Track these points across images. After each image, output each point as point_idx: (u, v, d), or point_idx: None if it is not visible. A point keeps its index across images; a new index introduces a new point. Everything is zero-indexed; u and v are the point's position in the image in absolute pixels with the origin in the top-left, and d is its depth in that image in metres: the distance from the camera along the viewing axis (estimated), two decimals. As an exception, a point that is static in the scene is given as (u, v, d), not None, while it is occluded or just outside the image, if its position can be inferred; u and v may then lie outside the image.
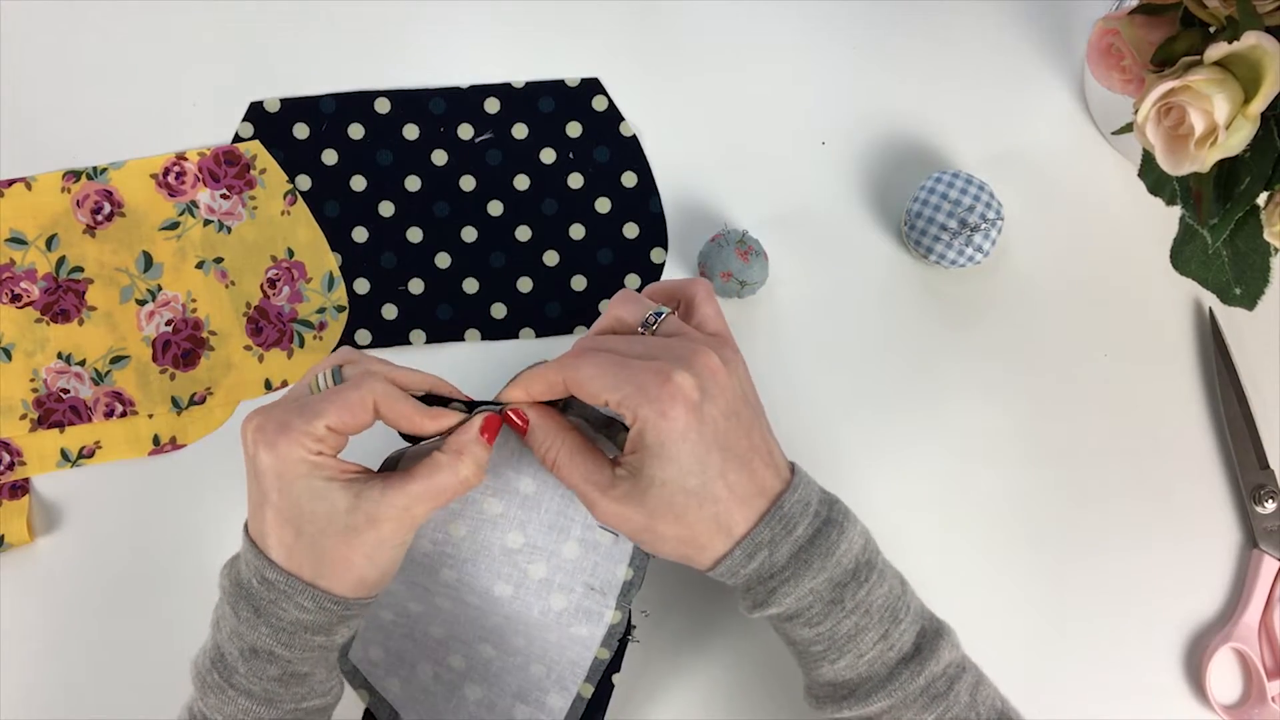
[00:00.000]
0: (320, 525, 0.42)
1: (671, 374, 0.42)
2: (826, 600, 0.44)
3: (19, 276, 0.60)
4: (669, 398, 0.42)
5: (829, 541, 0.44)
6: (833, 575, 0.44)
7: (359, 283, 0.61)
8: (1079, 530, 0.60)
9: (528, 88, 0.63)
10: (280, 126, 0.62)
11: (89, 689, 0.58)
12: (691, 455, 0.43)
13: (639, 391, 0.42)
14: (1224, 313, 0.61)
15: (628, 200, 0.62)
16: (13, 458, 0.60)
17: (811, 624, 0.45)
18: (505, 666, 0.54)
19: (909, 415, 0.61)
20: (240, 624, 0.44)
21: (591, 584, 0.51)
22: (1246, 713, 0.58)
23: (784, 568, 0.44)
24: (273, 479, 0.42)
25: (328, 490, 0.42)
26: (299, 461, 0.42)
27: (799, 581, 0.44)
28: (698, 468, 0.43)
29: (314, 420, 0.42)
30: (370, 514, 0.42)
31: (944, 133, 0.63)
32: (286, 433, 0.42)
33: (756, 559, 0.44)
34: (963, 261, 0.58)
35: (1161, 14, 0.47)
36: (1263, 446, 0.59)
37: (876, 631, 0.45)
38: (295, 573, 0.43)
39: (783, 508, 0.44)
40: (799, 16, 0.64)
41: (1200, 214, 0.48)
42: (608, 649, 0.53)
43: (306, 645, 0.44)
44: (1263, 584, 0.58)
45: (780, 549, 0.44)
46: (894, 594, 0.46)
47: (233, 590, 0.44)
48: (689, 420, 0.42)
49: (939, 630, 0.46)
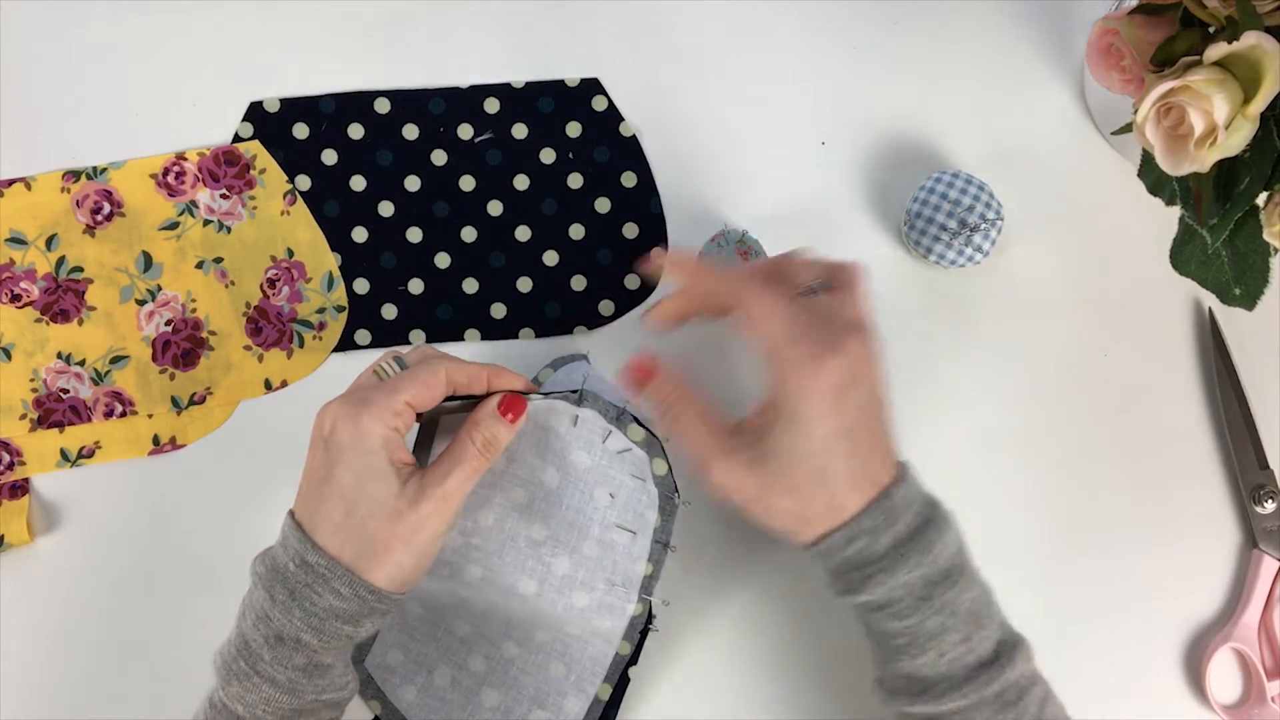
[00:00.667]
0: (372, 507, 0.44)
1: (826, 356, 0.45)
2: (918, 596, 0.45)
3: (19, 276, 0.60)
4: (819, 376, 0.45)
5: (927, 539, 0.46)
6: (927, 573, 0.45)
7: (359, 283, 0.61)
8: (1078, 530, 0.60)
9: (527, 88, 0.63)
10: (280, 126, 0.62)
11: (89, 689, 0.58)
12: (823, 435, 0.45)
13: (795, 363, 0.45)
14: (1224, 313, 0.61)
15: (628, 200, 0.62)
16: (12, 458, 0.60)
17: (900, 617, 0.46)
18: (525, 667, 0.54)
19: (908, 415, 0.60)
20: (273, 607, 0.45)
21: (613, 579, 0.52)
22: (1246, 713, 0.58)
23: (881, 557, 0.45)
24: (344, 452, 0.45)
25: (387, 473, 0.45)
26: (376, 435, 0.44)
27: (894, 573, 0.45)
28: (824, 448, 0.45)
29: (394, 395, 0.45)
30: (413, 496, 0.45)
31: (944, 133, 0.63)
32: (368, 407, 0.45)
33: (856, 544, 0.45)
34: (963, 261, 0.58)
35: (1161, 14, 0.47)
36: (1263, 446, 0.59)
37: (960, 633, 0.45)
38: (337, 555, 0.44)
39: (890, 498, 0.46)
40: (799, 16, 0.64)
41: (1200, 214, 0.48)
42: (629, 642, 0.54)
43: (335, 634, 0.45)
44: (1263, 584, 0.58)
45: (881, 539, 0.45)
46: (981, 600, 0.47)
47: (268, 575, 0.46)
48: (830, 403, 0.45)
49: (1017, 642, 0.47)
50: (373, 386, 0.47)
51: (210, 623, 0.58)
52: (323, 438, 0.45)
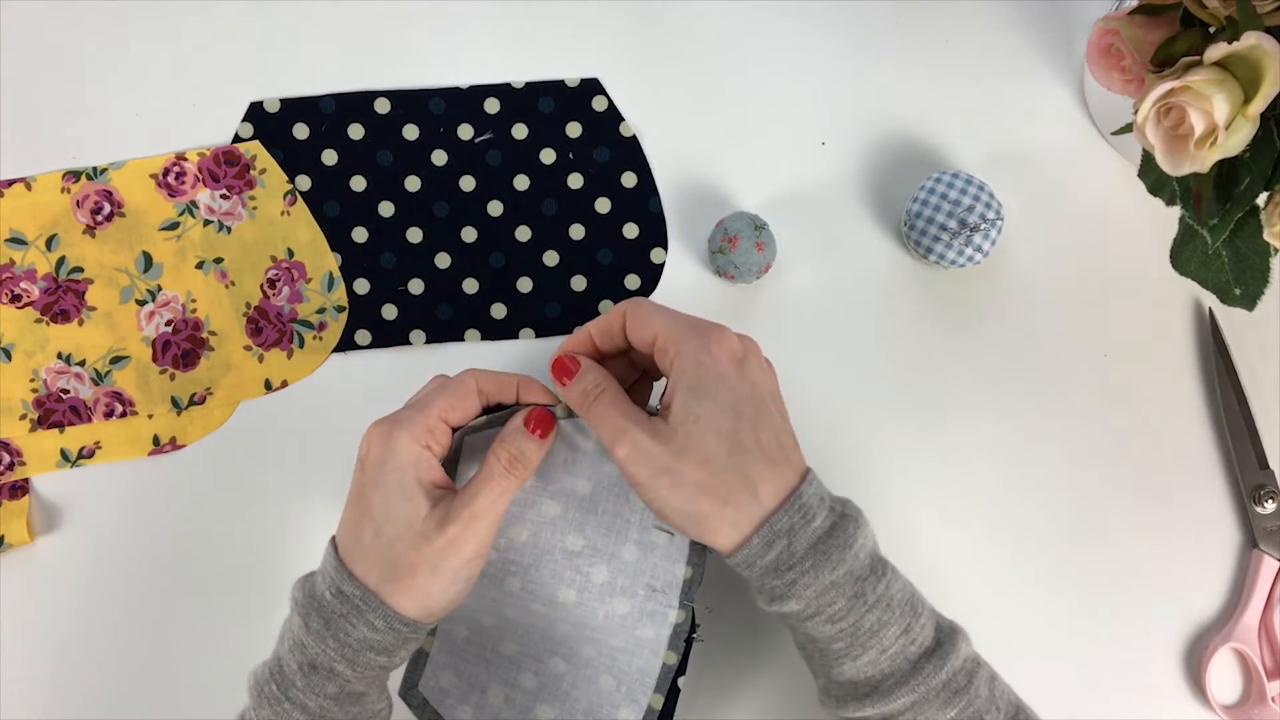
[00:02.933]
0: (398, 529, 0.44)
1: (717, 331, 0.46)
2: (849, 595, 0.44)
3: (19, 276, 0.60)
4: (716, 342, 0.45)
5: (846, 534, 0.44)
6: (852, 568, 0.44)
7: (359, 283, 0.61)
8: (1078, 530, 0.60)
9: (528, 88, 0.63)
10: (280, 126, 0.62)
11: (89, 689, 0.58)
12: (728, 399, 0.44)
13: (690, 328, 0.46)
14: (1224, 313, 0.61)
15: (628, 200, 0.62)
16: (13, 458, 0.60)
17: (834, 620, 0.44)
18: (575, 682, 0.53)
19: (908, 415, 0.61)
20: (308, 635, 0.44)
21: (653, 585, 0.51)
22: (1246, 713, 0.58)
23: (803, 558, 0.44)
24: (376, 472, 0.45)
25: (414, 492, 0.44)
26: (406, 453, 0.45)
27: (819, 574, 0.44)
28: (732, 412, 0.44)
29: (426, 410, 0.46)
30: (440, 518, 0.44)
31: (944, 133, 0.63)
32: (400, 424, 0.45)
33: (775, 548, 0.44)
34: (963, 261, 0.58)
35: (1161, 14, 0.47)
36: (1263, 446, 0.59)
37: (899, 625, 0.44)
38: (364, 578, 0.44)
39: (801, 497, 0.44)
40: (799, 17, 0.64)
41: (1200, 214, 0.48)
42: (675, 652, 0.52)
43: (368, 665, 0.45)
44: (1263, 584, 0.58)
45: (799, 539, 0.44)
46: (909, 588, 0.46)
47: (305, 602, 0.45)
48: (730, 366, 0.45)
49: (952, 626, 0.47)
50: (407, 404, 0.47)
51: (210, 622, 0.59)
52: (360, 459, 0.46)
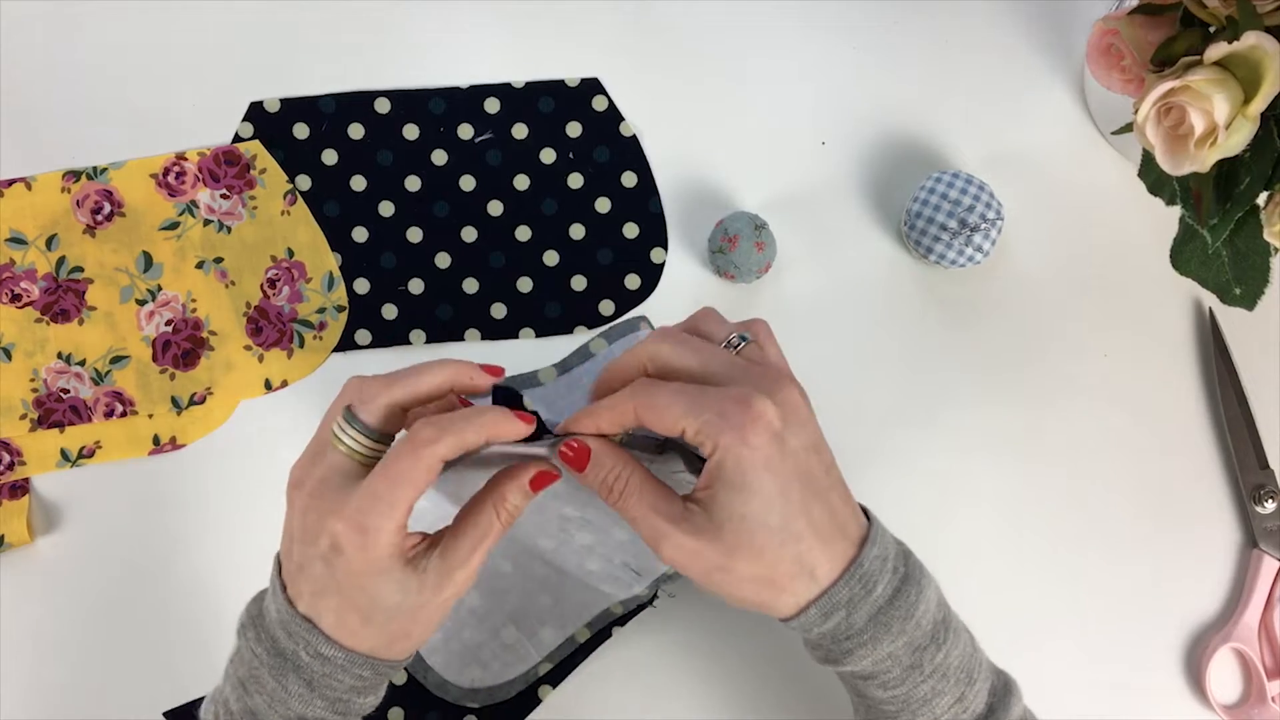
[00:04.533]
0: (391, 612, 0.41)
1: (753, 400, 0.40)
2: (905, 665, 0.42)
3: (19, 276, 0.60)
4: (751, 424, 0.39)
5: (908, 602, 0.42)
6: (912, 639, 0.42)
7: (359, 283, 0.61)
8: (1078, 530, 0.60)
9: (528, 88, 0.63)
10: (280, 126, 0.62)
11: (89, 689, 0.58)
12: (774, 487, 0.40)
13: (720, 418, 0.39)
14: (1224, 313, 0.61)
15: (628, 200, 0.62)
16: (13, 458, 0.60)
17: (887, 687, 0.43)
18: (513, 586, 0.55)
19: (908, 415, 0.61)
20: (289, 696, 0.42)
21: (630, 564, 0.52)
22: (1246, 713, 0.58)
23: (862, 629, 0.41)
24: (353, 576, 0.41)
25: (403, 578, 0.41)
26: (386, 558, 0.40)
27: (877, 645, 0.42)
28: (780, 501, 0.40)
29: (394, 512, 0.40)
30: (435, 584, 0.41)
31: (944, 133, 0.63)
32: (368, 535, 0.40)
33: (833, 619, 0.41)
34: (963, 261, 0.58)
35: (1161, 14, 0.47)
36: (1263, 446, 0.59)
37: (953, 695, 0.43)
38: (354, 648, 0.42)
39: (862, 565, 0.41)
40: (799, 17, 0.64)
41: (1200, 214, 0.48)
42: (624, 606, 0.54)
43: (359, 709, 0.44)
44: (1263, 584, 0.58)
45: (859, 610, 0.41)
46: (967, 653, 0.44)
47: (273, 662, 0.42)
48: (771, 450, 0.40)
49: (1007, 686, 0.45)
50: (369, 497, 0.40)
51: (210, 623, 0.59)
52: (320, 552, 0.41)
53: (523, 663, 0.55)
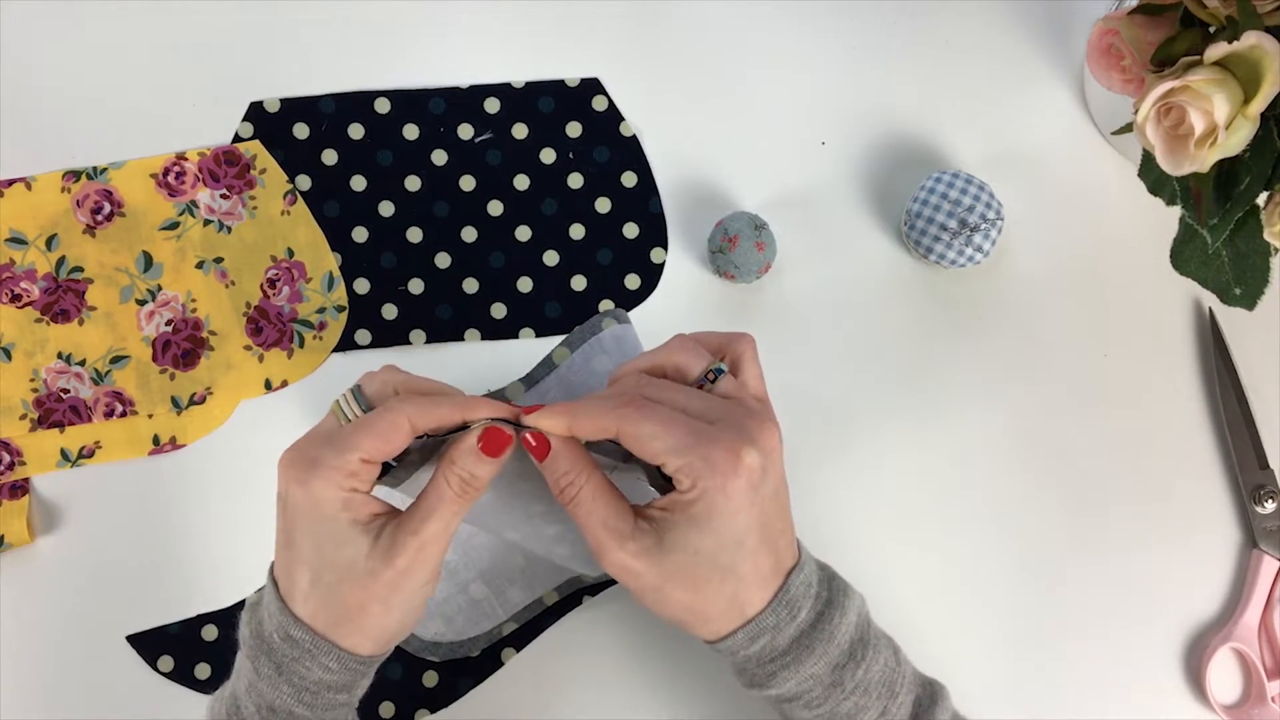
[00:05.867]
0: (339, 573, 0.41)
1: (742, 452, 0.41)
2: (827, 684, 0.43)
3: (19, 276, 0.60)
4: (735, 477, 0.40)
5: (831, 624, 0.43)
6: (832, 658, 0.43)
7: (359, 283, 0.61)
8: (1078, 530, 0.60)
9: (528, 88, 0.63)
10: (280, 126, 0.62)
11: (89, 689, 0.58)
12: (734, 533, 0.41)
13: (706, 463, 0.40)
14: (1224, 313, 0.61)
15: (628, 200, 0.62)
16: (13, 458, 0.60)
17: (811, 706, 0.44)
18: (485, 545, 0.55)
19: (907, 415, 0.61)
20: (260, 680, 0.42)
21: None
22: (1246, 713, 0.58)
23: (785, 652, 0.43)
24: (299, 519, 0.41)
25: (351, 534, 0.41)
26: (330, 501, 0.40)
27: (799, 666, 0.43)
28: (733, 546, 0.41)
29: (346, 454, 0.40)
30: (385, 552, 0.41)
31: (944, 133, 0.63)
32: (318, 470, 0.40)
33: (759, 642, 0.43)
34: (963, 261, 0.58)
35: (1161, 14, 0.47)
36: (1263, 446, 0.59)
37: (875, 709, 0.44)
38: (310, 623, 0.42)
39: (789, 591, 0.43)
40: (799, 17, 0.64)
41: (1200, 214, 0.48)
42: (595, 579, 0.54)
43: (329, 704, 0.43)
44: (1263, 584, 0.58)
45: (783, 633, 0.43)
46: (889, 667, 0.45)
47: (254, 643, 0.43)
48: (744, 498, 0.41)
49: (934, 696, 0.46)
50: (324, 441, 0.41)
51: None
52: (280, 495, 0.42)
53: (488, 620, 0.56)
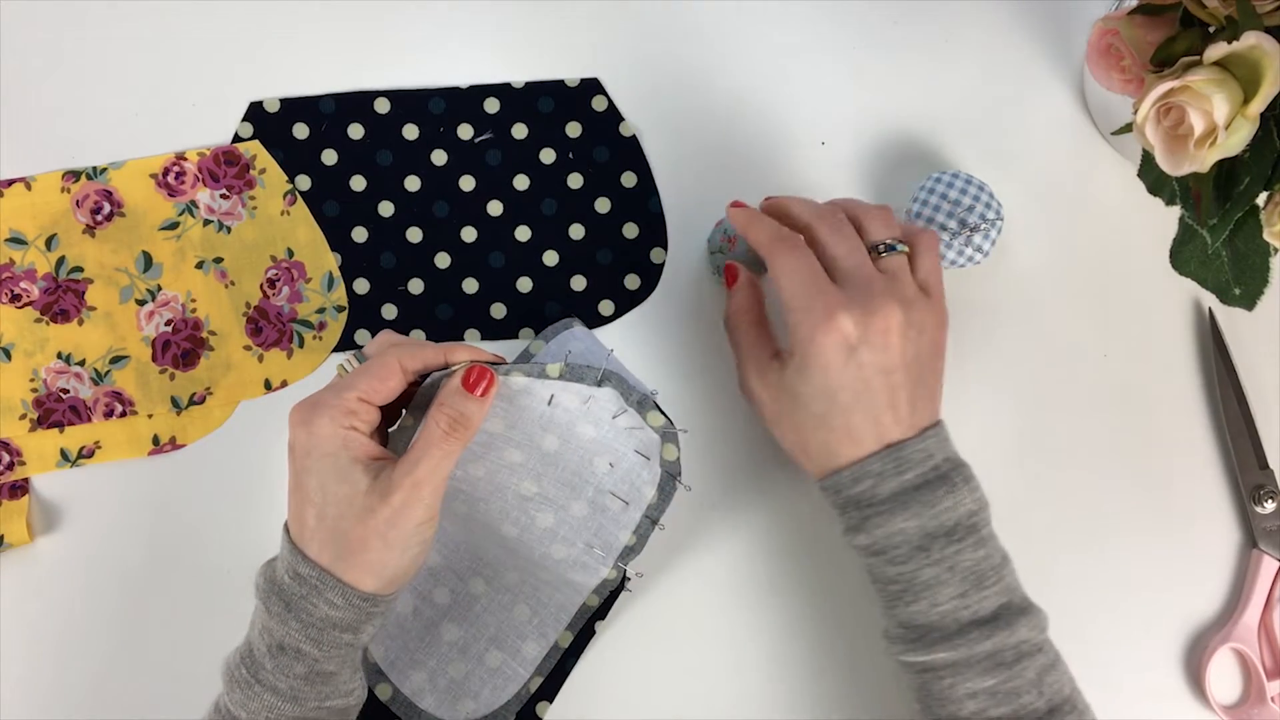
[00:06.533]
0: (341, 508, 0.44)
1: (839, 314, 0.48)
2: (914, 545, 0.47)
3: (19, 276, 0.60)
4: (826, 332, 0.48)
5: (934, 495, 0.47)
6: (926, 525, 0.47)
7: (359, 283, 0.61)
8: (1078, 530, 0.60)
9: (527, 88, 0.63)
10: (280, 126, 0.62)
11: (89, 689, 0.58)
12: (823, 386, 0.48)
13: (807, 315, 0.48)
14: (1224, 313, 0.61)
15: (627, 200, 0.62)
16: (12, 458, 0.60)
17: (895, 563, 0.48)
18: (490, 606, 0.56)
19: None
20: (271, 619, 0.45)
21: (593, 544, 0.53)
22: (1246, 713, 0.58)
23: (882, 502, 0.48)
24: (303, 456, 0.44)
25: (351, 471, 0.44)
26: (330, 437, 0.44)
27: (891, 519, 0.47)
28: (824, 397, 0.48)
29: (344, 393, 0.44)
30: (383, 490, 0.44)
31: (944, 133, 0.63)
32: (319, 409, 0.44)
33: (861, 484, 0.48)
34: (963, 261, 0.58)
35: (1161, 14, 0.48)
36: (1263, 446, 0.59)
37: (955, 589, 0.47)
38: (317, 559, 0.44)
39: (903, 450, 0.48)
40: (799, 17, 0.64)
41: (1200, 214, 0.48)
42: (598, 596, 0.55)
43: (334, 643, 0.45)
44: (1262, 584, 0.58)
45: (886, 484, 0.48)
46: (988, 564, 0.48)
47: (266, 586, 0.46)
48: (835, 355, 0.48)
49: (1026, 609, 0.48)
50: (326, 389, 0.46)
51: (211, 622, 0.59)
52: (290, 445, 0.45)
53: (512, 684, 0.56)
